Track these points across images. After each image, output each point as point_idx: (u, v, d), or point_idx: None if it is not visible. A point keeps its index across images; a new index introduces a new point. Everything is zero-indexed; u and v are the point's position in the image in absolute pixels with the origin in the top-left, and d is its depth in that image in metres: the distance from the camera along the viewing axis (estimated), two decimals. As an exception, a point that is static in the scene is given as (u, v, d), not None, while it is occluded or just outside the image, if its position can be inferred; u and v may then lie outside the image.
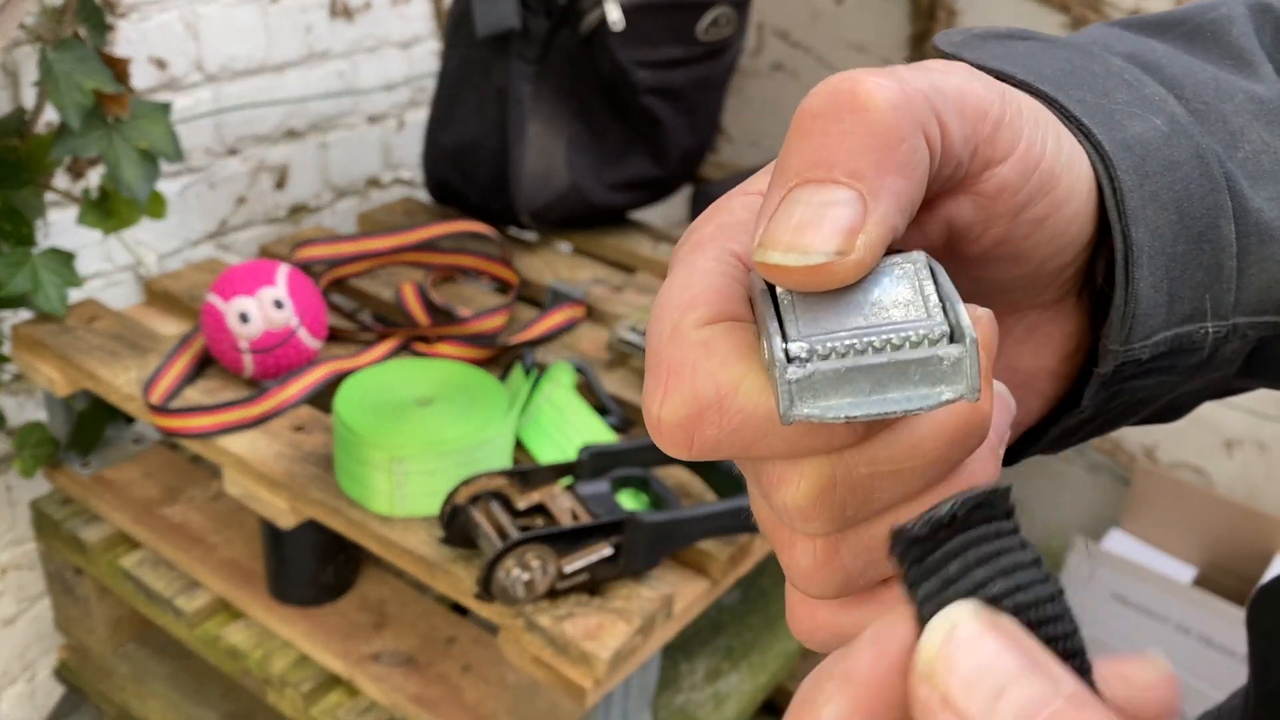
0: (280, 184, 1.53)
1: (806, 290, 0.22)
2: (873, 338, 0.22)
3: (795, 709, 0.21)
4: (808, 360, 0.21)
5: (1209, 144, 0.29)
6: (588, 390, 1.11)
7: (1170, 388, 0.32)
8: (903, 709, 0.20)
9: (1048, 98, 0.28)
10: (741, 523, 0.93)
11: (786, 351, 0.22)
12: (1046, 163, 0.26)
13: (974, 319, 0.22)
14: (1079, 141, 0.27)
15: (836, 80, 0.23)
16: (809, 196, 0.22)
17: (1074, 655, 0.20)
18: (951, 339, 0.22)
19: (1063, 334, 0.31)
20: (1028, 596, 0.20)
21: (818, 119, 0.23)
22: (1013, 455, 0.33)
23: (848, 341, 0.22)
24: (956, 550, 0.20)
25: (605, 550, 0.87)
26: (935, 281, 0.23)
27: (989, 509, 0.21)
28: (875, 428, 0.23)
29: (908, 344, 0.21)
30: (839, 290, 0.22)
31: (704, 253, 0.25)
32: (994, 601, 0.20)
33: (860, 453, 0.23)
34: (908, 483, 0.24)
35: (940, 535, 0.21)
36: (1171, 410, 0.35)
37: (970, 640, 0.19)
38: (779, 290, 0.23)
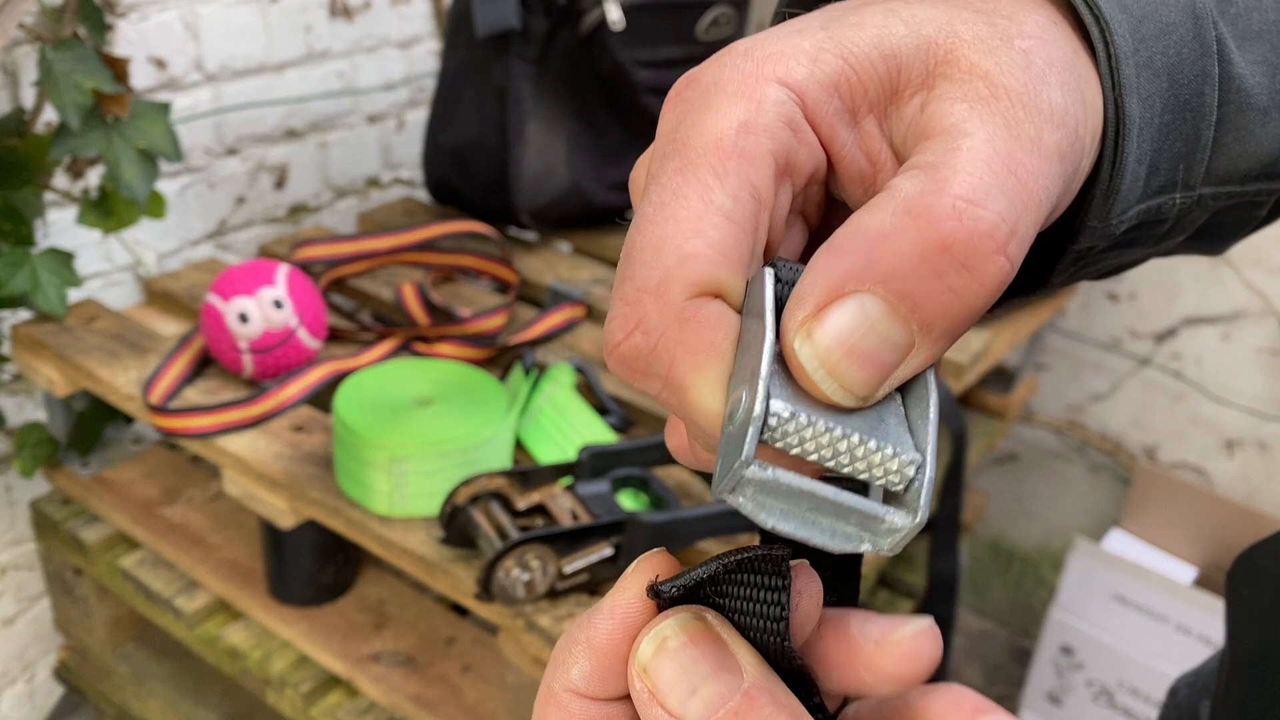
0: (280, 184, 1.53)
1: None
2: (848, 456, 0.21)
3: (550, 668, 0.25)
4: (780, 444, 0.21)
5: (1205, 3, 0.28)
6: (588, 390, 1.11)
7: (1129, 257, 0.32)
8: (625, 664, 0.24)
9: None
10: (741, 523, 0.93)
11: (769, 437, 0.21)
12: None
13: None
14: (1078, 5, 0.26)
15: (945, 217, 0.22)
16: (877, 316, 0.21)
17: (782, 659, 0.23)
18: (904, 496, 0.22)
19: None
20: (750, 619, 0.23)
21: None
22: None
23: (825, 452, 0.21)
24: (707, 587, 0.24)
25: (605, 550, 0.87)
26: (909, 423, 0.23)
27: (754, 566, 0.23)
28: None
29: (878, 480, 0.22)
30: None
31: (724, 179, 0.23)
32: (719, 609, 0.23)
33: None
34: None
35: (699, 591, 0.24)
36: (1116, 270, 0.34)
37: (674, 650, 0.23)
38: (770, 341, 0.22)
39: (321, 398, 1.09)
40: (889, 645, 0.23)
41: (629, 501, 0.96)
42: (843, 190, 0.25)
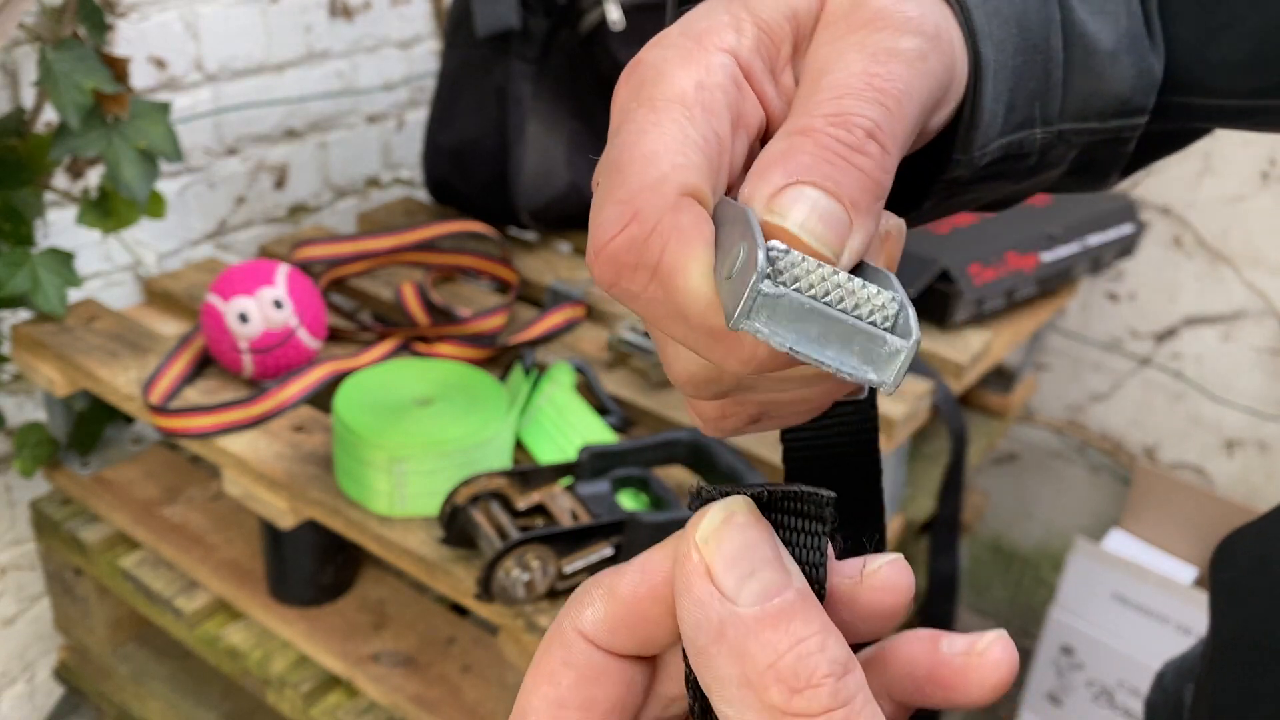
0: (280, 184, 1.53)
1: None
2: (840, 292, 0.23)
3: (565, 607, 0.25)
4: (782, 280, 0.23)
5: None
6: (588, 390, 1.11)
7: (1001, 189, 0.36)
8: (647, 626, 0.24)
9: None
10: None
11: (773, 271, 0.23)
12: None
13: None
14: None
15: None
16: (816, 197, 0.24)
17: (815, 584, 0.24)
18: (894, 330, 0.23)
19: None
20: (797, 549, 0.24)
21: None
22: None
23: (820, 287, 0.23)
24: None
25: (605, 550, 0.87)
26: (882, 274, 0.25)
27: (797, 504, 0.24)
28: (775, 363, 0.25)
29: (867, 316, 0.23)
30: None
31: (694, 122, 0.26)
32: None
33: (746, 380, 0.26)
34: (782, 409, 0.29)
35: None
36: (1002, 203, 0.38)
37: (742, 525, 0.23)
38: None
39: (321, 398, 1.09)
40: (868, 576, 0.25)
41: (629, 501, 0.96)
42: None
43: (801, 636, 0.21)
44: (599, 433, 1.04)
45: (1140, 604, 1.63)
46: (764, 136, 0.28)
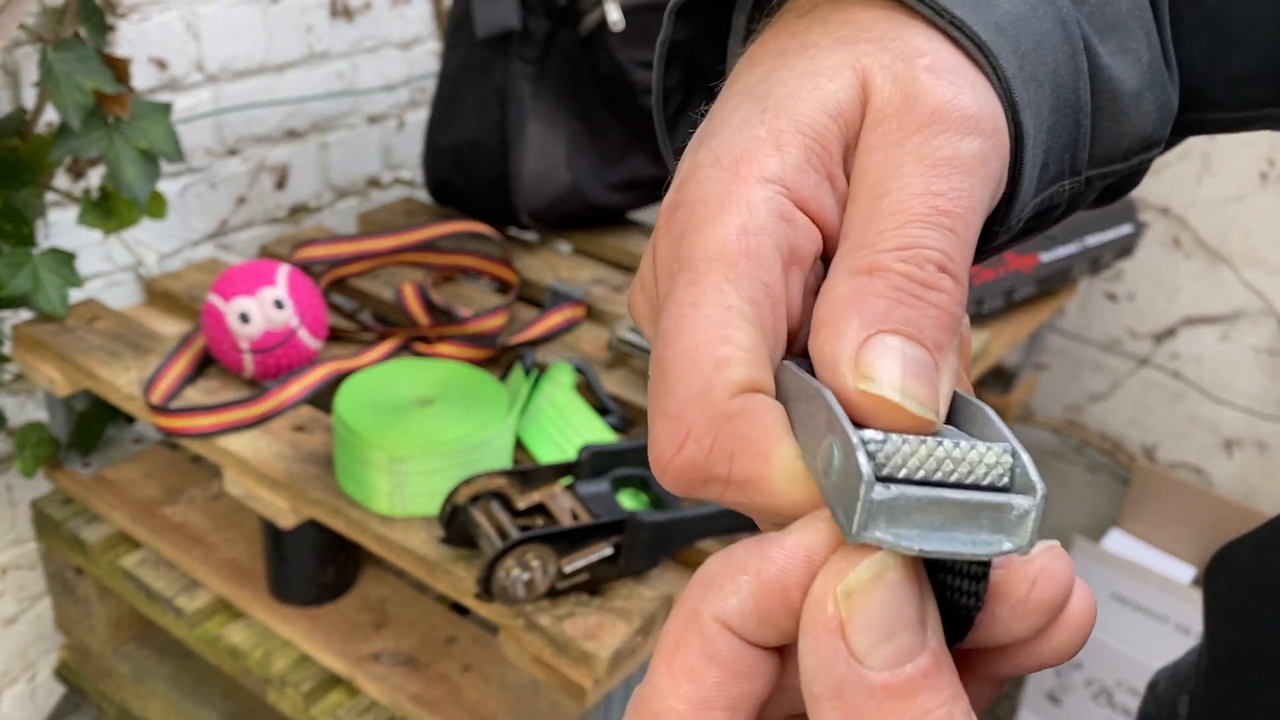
0: (280, 184, 1.53)
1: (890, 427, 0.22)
2: (949, 462, 0.22)
3: (699, 589, 0.22)
4: (893, 480, 0.21)
5: (1064, 4, 0.30)
6: (588, 390, 1.11)
7: (1028, 238, 0.34)
8: (794, 620, 0.22)
9: None
10: (741, 523, 0.93)
11: (875, 467, 0.21)
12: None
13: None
14: (948, 31, 0.27)
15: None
16: (898, 344, 0.23)
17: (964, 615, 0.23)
18: (1014, 484, 0.22)
19: None
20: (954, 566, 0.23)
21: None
22: None
23: (928, 465, 0.22)
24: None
25: (605, 550, 0.87)
26: (974, 408, 0.24)
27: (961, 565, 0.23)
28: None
29: (983, 479, 0.22)
30: None
31: (737, 283, 0.24)
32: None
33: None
34: None
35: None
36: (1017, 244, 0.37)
37: (892, 586, 0.21)
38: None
39: (322, 398, 1.09)
40: (1036, 586, 0.23)
41: (629, 501, 0.96)
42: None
43: (927, 710, 0.20)
44: (599, 433, 1.04)
45: (1139, 603, 1.63)
46: (826, 254, 0.26)
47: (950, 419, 0.24)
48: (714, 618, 0.22)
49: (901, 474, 0.21)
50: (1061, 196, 0.32)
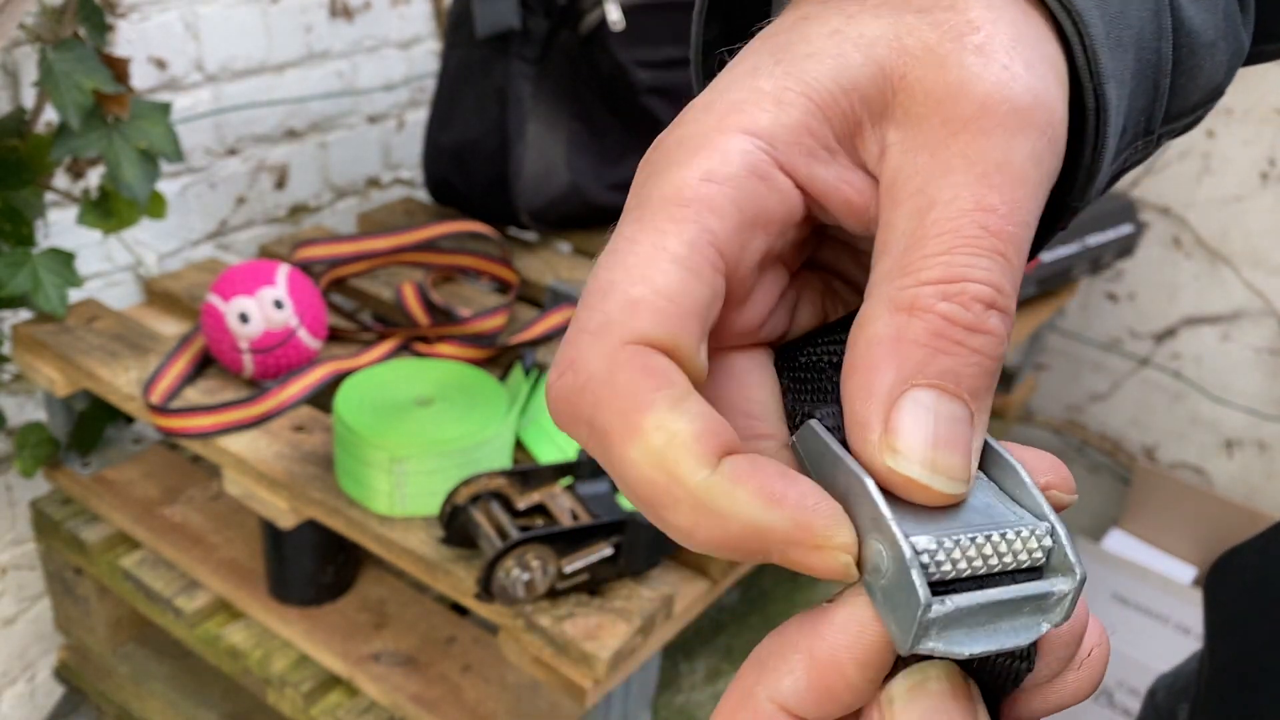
0: (280, 184, 1.53)
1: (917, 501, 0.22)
2: (992, 553, 0.21)
3: (755, 670, 0.22)
4: (943, 585, 0.21)
5: None
6: (588, 390, 1.11)
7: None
8: (852, 693, 0.21)
9: None
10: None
11: (928, 582, 0.21)
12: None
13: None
14: None
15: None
16: (935, 403, 0.22)
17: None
18: (1050, 561, 0.22)
19: None
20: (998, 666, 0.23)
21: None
22: None
23: (975, 563, 0.21)
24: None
25: (605, 550, 0.87)
26: (1010, 494, 0.23)
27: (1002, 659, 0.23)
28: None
29: (1024, 564, 0.22)
30: None
31: (681, 225, 0.22)
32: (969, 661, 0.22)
33: None
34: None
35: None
36: None
37: (933, 693, 0.21)
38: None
39: (322, 398, 1.09)
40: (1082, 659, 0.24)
41: (629, 501, 0.96)
42: (837, 221, 0.25)
43: None
44: (599, 433, 1.04)
45: (1139, 604, 1.63)
46: (803, 223, 0.25)
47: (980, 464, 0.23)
48: (769, 699, 0.21)
49: (950, 576, 0.21)
50: (1134, 158, 0.30)
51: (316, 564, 1.09)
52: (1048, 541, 0.22)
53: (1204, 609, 0.41)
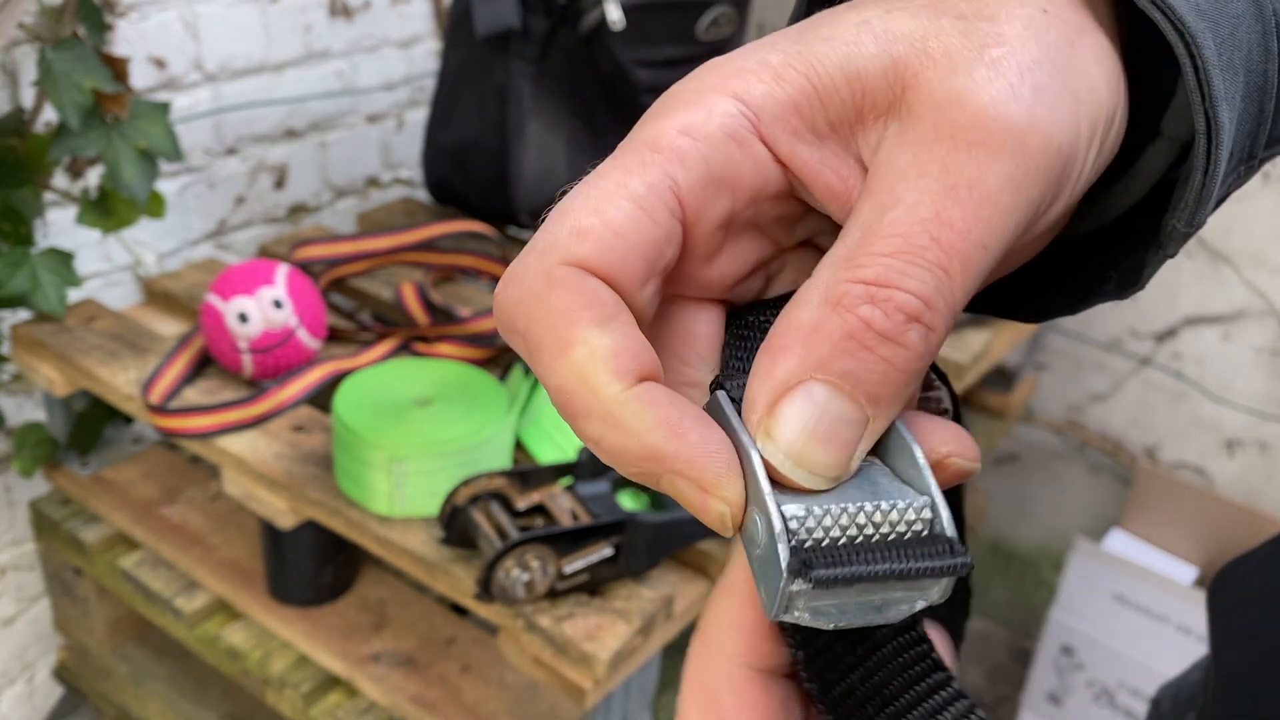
0: (280, 184, 1.53)
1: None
2: (868, 526, 0.22)
3: (699, 640, 0.24)
4: (815, 553, 0.22)
5: None
6: (588, 390, 1.11)
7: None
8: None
9: None
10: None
11: (794, 550, 0.21)
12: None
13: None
14: (1146, 8, 0.24)
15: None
16: (825, 399, 0.22)
17: None
18: (932, 534, 0.22)
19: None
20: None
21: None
22: (1039, 313, 0.31)
23: (849, 531, 0.22)
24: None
25: (605, 550, 0.87)
26: (901, 476, 0.23)
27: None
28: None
29: (904, 536, 0.22)
30: None
31: (646, 168, 0.23)
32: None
33: None
34: None
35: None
36: None
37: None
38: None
39: (321, 398, 1.09)
40: None
41: (629, 501, 0.96)
42: (820, 205, 0.25)
43: None
44: (599, 433, 1.04)
45: (1140, 604, 1.63)
46: (785, 197, 0.25)
47: (877, 448, 0.24)
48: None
49: (824, 544, 0.22)
50: (1236, 183, 0.29)
51: (316, 564, 1.09)
52: (927, 514, 0.22)
53: (1209, 618, 0.40)
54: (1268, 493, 1.73)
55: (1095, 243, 0.29)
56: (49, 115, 1.16)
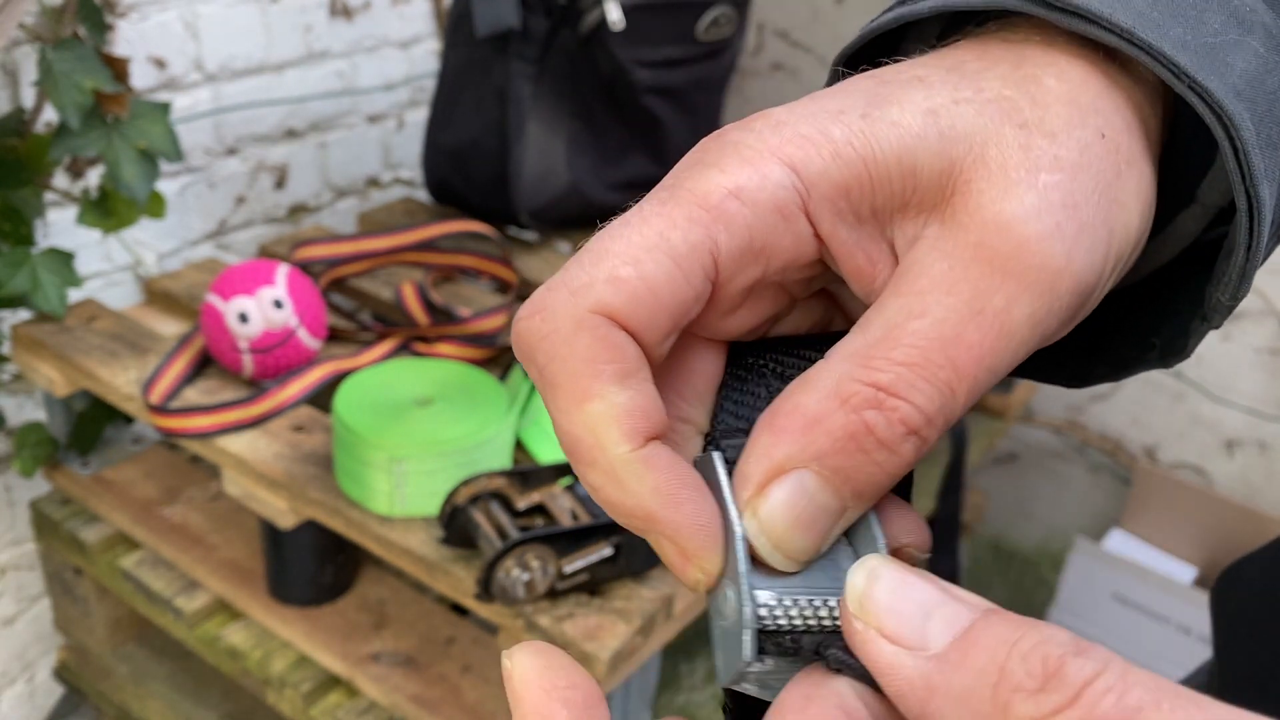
0: (280, 184, 1.53)
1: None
2: (826, 620, 0.23)
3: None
4: (773, 637, 0.23)
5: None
6: (588, 390, 1.11)
7: None
8: None
9: (1134, 39, 0.24)
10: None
11: (757, 643, 0.22)
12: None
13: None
14: (1183, 92, 0.24)
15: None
16: (814, 489, 0.23)
17: None
18: None
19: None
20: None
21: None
22: (1081, 378, 0.31)
23: (810, 622, 0.23)
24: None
25: (605, 550, 0.87)
26: (861, 524, 0.24)
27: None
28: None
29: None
30: None
31: (692, 225, 0.23)
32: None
33: None
34: None
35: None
36: None
37: (890, 579, 0.21)
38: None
39: (321, 398, 1.09)
40: None
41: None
42: (843, 277, 0.25)
43: (1011, 640, 0.19)
44: (599, 433, 1.04)
45: (1140, 604, 1.63)
46: (813, 265, 0.25)
47: None
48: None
49: (785, 629, 0.23)
50: (1274, 247, 0.29)
51: (316, 564, 1.09)
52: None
53: (1212, 620, 0.40)
54: (1267, 492, 1.73)
55: (1131, 303, 0.30)
56: (49, 115, 1.16)
